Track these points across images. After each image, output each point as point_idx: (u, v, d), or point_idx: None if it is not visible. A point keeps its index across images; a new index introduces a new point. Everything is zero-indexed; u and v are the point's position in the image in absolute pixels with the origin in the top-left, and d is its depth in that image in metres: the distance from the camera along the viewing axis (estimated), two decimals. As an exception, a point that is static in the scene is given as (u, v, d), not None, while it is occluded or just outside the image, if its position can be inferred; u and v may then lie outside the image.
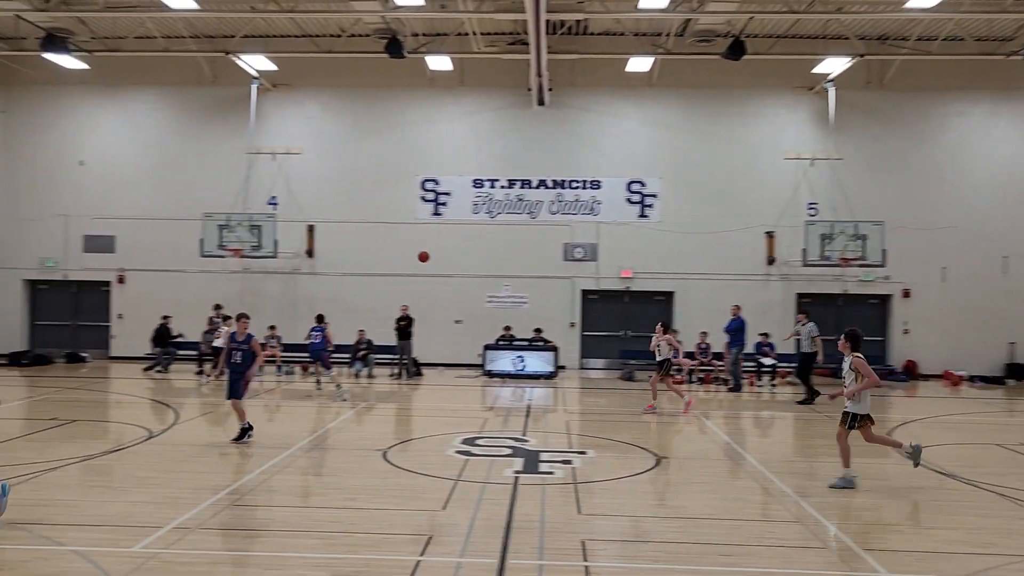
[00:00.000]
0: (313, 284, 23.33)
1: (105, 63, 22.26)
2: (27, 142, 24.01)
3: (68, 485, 9.44)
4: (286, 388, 18.69)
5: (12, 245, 23.94)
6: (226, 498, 8.80)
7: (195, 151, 23.64)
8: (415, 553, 7.06)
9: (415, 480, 9.81)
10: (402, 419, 15.44)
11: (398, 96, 23.39)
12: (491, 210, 23.16)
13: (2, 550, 6.94)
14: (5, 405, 15.76)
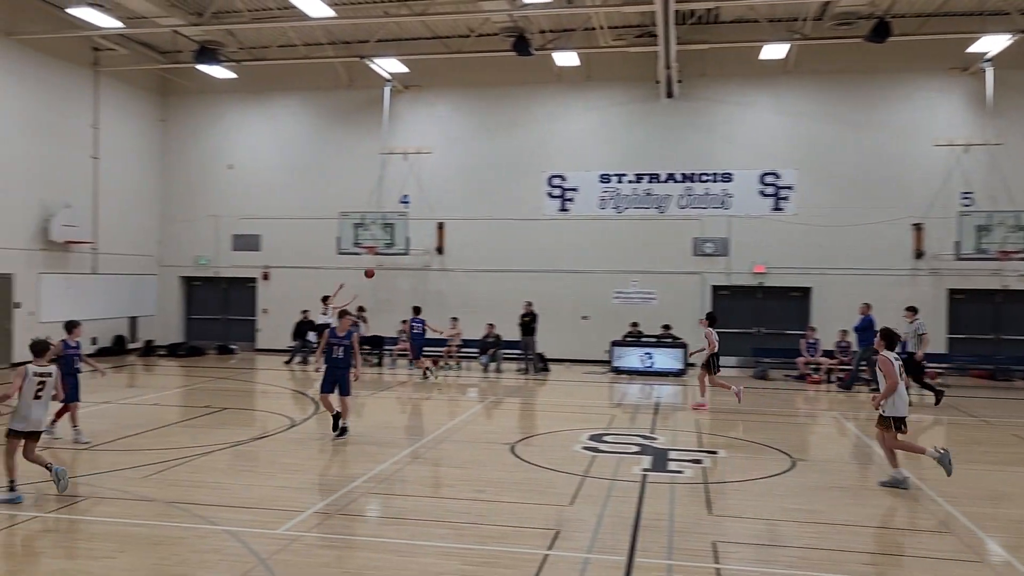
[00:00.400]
0: (443, 280, 23.87)
1: (251, 72, 23.57)
2: (182, 148, 25.77)
3: (219, 469, 10.06)
4: (417, 382, 19.20)
5: (171, 245, 25.78)
6: (362, 486, 9.14)
7: (332, 152, 24.66)
8: (543, 547, 7.09)
9: (542, 475, 9.85)
10: (529, 414, 15.56)
11: (525, 93, 23.55)
12: (618, 205, 22.95)
13: (163, 527, 7.49)
14: (164, 393, 17.00)
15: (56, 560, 6.60)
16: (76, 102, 22.20)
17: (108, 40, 21.59)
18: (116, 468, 9.76)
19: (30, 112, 20.52)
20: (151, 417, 13.92)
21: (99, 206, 22.89)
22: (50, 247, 21.06)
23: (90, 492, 8.66)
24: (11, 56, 19.79)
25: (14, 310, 19.93)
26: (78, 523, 7.64)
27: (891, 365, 9.23)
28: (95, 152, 22.83)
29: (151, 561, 6.61)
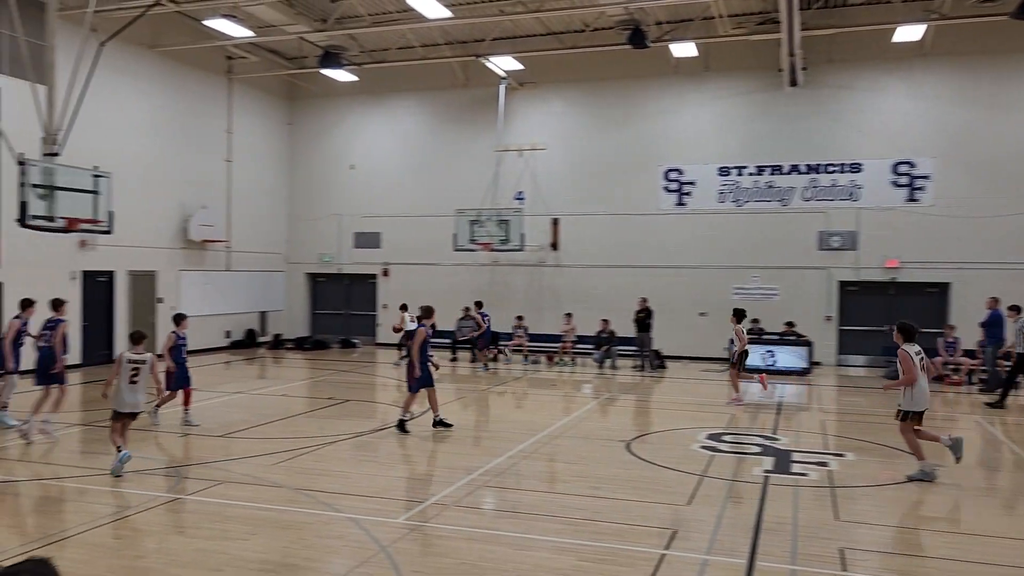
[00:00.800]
0: (557, 276, 23.88)
1: (371, 74, 24.30)
2: (308, 150, 26.86)
3: (343, 458, 10.42)
4: (532, 377, 19.30)
5: (297, 243, 26.93)
6: (478, 479, 9.26)
7: (449, 151, 25.11)
8: (659, 546, 6.97)
9: (659, 473, 9.70)
10: (644, 411, 15.35)
11: (640, 86, 23.23)
12: (738, 198, 22.29)
13: (292, 512, 7.82)
14: (291, 384, 17.77)
15: (195, 540, 7.01)
16: (212, 108, 23.50)
17: (240, 49, 22.75)
18: (248, 455, 10.27)
19: (171, 119, 21.87)
20: (279, 407, 14.58)
21: (232, 207, 24.16)
22: (189, 246, 22.40)
23: (225, 477, 9.14)
24: (154, 67, 21.16)
25: (157, 305, 21.30)
26: (214, 506, 8.08)
27: (910, 360, 9.20)
28: (228, 155, 24.11)
29: (281, 544, 6.92)
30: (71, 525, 7.41)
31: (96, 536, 7.12)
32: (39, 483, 9.10)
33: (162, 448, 10.80)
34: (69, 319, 12.56)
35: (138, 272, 20.75)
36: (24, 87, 14.94)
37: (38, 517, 7.90)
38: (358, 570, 6.38)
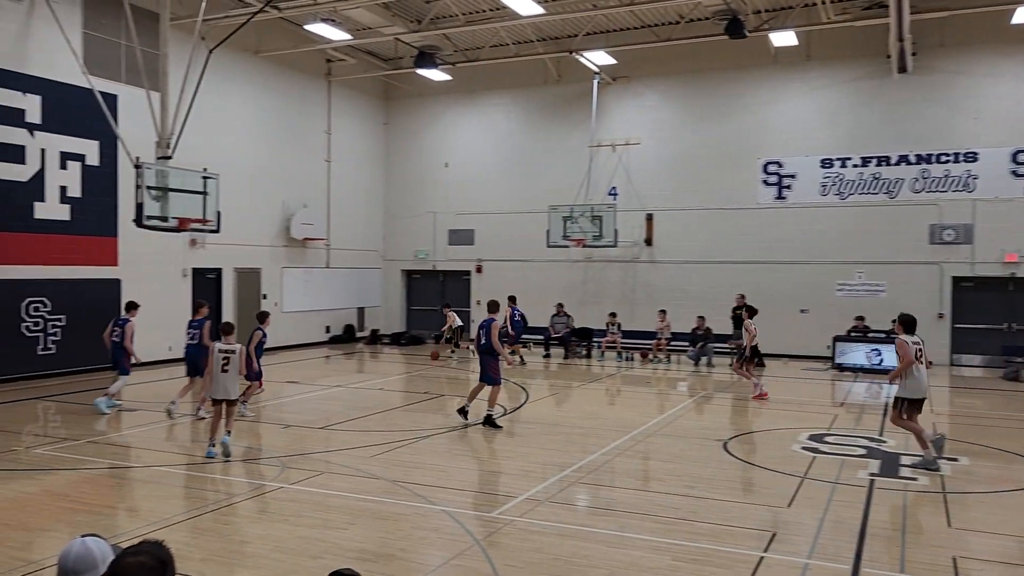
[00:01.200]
0: (652, 272, 23.57)
1: (465, 73, 24.55)
2: (403, 149, 27.37)
3: (438, 452, 10.57)
4: (626, 374, 19.12)
5: (393, 240, 27.50)
6: (572, 475, 9.23)
7: (542, 147, 25.12)
8: (758, 548, 6.79)
9: (757, 473, 9.45)
10: (742, 410, 14.97)
11: (738, 77, 22.65)
12: (841, 191, 21.46)
13: (389, 504, 7.98)
14: (388, 378, 18.15)
15: (298, 528, 7.24)
16: (312, 110, 24.24)
17: (339, 51, 23.38)
18: (347, 447, 10.55)
19: (274, 121, 22.68)
20: (377, 401, 14.93)
21: (331, 205, 24.86)
22: (291, 243, 23.18)
23: (325, 468, 9.41)
24: (258, 72, 21.98)
25: (262, 300, 22.12)
26: (316, 495, 8.33)
27: (907, 348, 9.62)
28: (328, 156, 24.81)
29: (378, 534, 7.07)
30: (182, 510, 7.77)
31: (205, 521, 7.45)
32: (153, 469, 9.59)
33: (266, 438, 11.21)
34: (211, 319, 13.59)
35: (244, 269, 21.62)
36: (140, 94, 15.78)
37: (152, 502, 8.32)
38: (453, 562, 6.45)
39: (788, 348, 21.37)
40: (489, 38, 22.53)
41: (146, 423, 12.37)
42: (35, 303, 16.25)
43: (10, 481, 8.80)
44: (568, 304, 23.09)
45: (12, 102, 15.82)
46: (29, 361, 16.16)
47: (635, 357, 21.46)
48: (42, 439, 11.18)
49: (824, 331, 20.61)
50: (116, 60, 17.72)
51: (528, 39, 22.66)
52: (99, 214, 17.49)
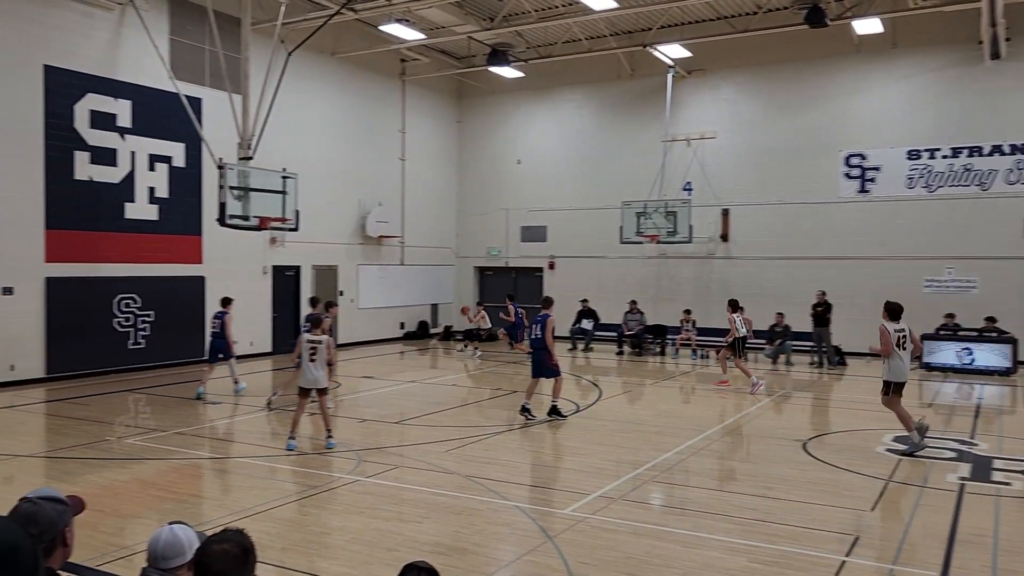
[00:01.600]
0: (728, 268, 23.13)
1: (537, 69, 24.53)
2: (476, 146, 27.53)
3: (510, 448, 10.61)
4: (701, 372, 18.82)
5: (467, 237, 27.70)
6: (645, 473, 9.14)
7: (614, 143, 24.91)
8: (839, 552, 6.59)
9: (838, 475, 9.17)
10: (822, 410, 14.56)
11: (818, 68, 21.99)
12: (929, 183, 20.63)
13: (462, 498, 8.05)
14: (461, 374, 18.30)
15: (373, 520, 7.36)
16: (387, 109, 24.61)
17: (413, 51, 23.66)
18: (421, 442, 10.68)
19: (350, 121, 23.11)
20: (450, 396, 15.07)
21: (405, 203, 25.20)
22: (366, 241, 23.59)
23: (400, 462, 9.55)
24: (335, 73, 22.43)
25: (339, 297, 22.59)
26: (391, 488, 8.46)
27: (887, 335, 10.34)
28: (402, 154, 25.15)
29: (451, 528, 7.13)
30: (263, 500, 8.00)
31: (284, 511, 7.65)
32: (236, 460, 9.90)
33: (343, 432, 11.44)
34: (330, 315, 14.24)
35: (321, 267, 22.11)
36: (222, 97, 16.29)
37: (235, 492, 8.59)
38: (526, 558, 6.46)
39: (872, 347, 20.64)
40: (561, 34, 22.46)
41: (229, 416, 12.78)
42: (126, 299, 16.96)
43: (103, 469, 9.22)
44: (641, 301, 22.87)
45: (105, 107, 16.54)
46: (121, 355, 16.89)
47: (710, 355, 21.07)
48: (133, 430, 11.68)
49: (913, 328, 19.84)
50: (200, 65, 18.34)
51: (601, 34, 22.50)
52: (185, 214, 18.15)
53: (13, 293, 15.06)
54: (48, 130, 15.54)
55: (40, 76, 15.41)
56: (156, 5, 17.41)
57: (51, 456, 9.98)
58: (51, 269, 15.65)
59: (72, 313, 15.91)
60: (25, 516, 2.44)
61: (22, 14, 15.15)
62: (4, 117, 14.87)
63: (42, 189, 15.47)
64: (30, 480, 8.80)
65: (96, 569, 6.00)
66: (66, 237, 15.87)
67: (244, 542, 2.67)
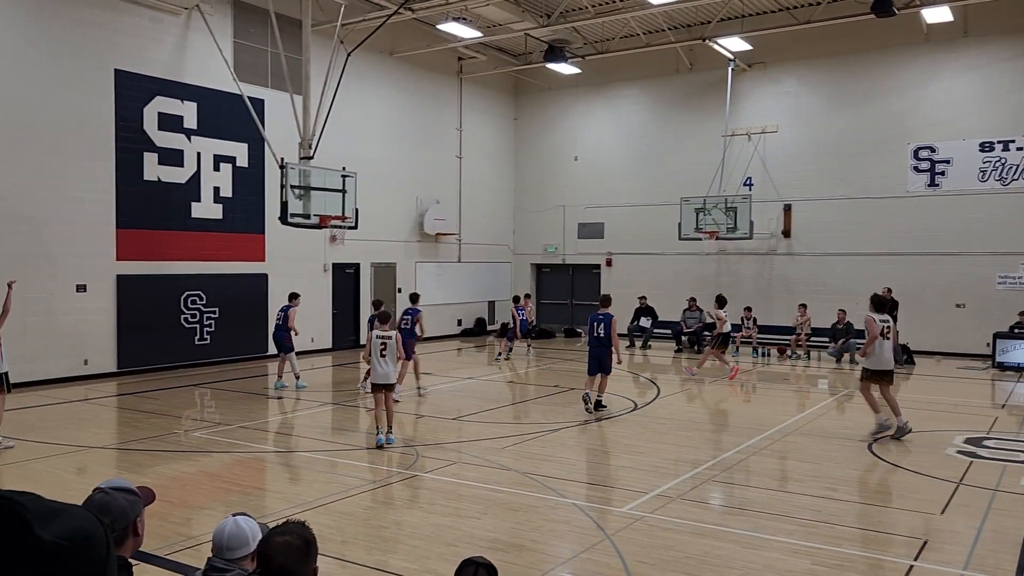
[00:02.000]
0: (790, 265, 22.66)
1: (594, 65, 24.39)
2: (533, 143, 27.52)
3: (567, 445, 10.58)
4: (763, 370, 18.49)
5: (523, 234, 27.73)
6: (705, 472, 9.01)
7: (672, 138, 24.62)
8: (907, 556, 6.40)
9: (906, 478, 8.91)
10: (888, 410, 14.14)
11: (885, 59, 21.37)
12: (1003, 176, 19.87)
13: (519, 495, 8.06)
14: (518, 372, 18.32)
15: (432, 515, 7.43)
16: (444, 108, 24.78)
17: (470, 49, 23.77)
18: (479, 438, 10.73)
19: (408, 119, 23.33)
20: (507, 393, 15.10)
21: (462, 200, 25.34)
22: (424, 239, 23.80)
23: (458, 458, 9.61)
24: (393, 72, 22.67)
25: (397, 294, 22.84)
26: (448, 484, 8.52)
27: (874, 324, 10.81)
28: (459, 152, 25.30)
29: (509, 525, 7.15)
30: (323, 494, 8.13)
31: (345, 505, 7.77)
32: (298, 454, 10.09)
33: (401, 428, 11.56)
34: (423, 310, 15.27)
35: (380, 264, 22.39)
36: (284, 98, 16.62)
37: (297, 485, 8.76)
38: (583, 556, 6.44)
39: (942, 345, 20.04)
40: (619, 29, 22.29)
41: (291, 410, 13.04)
42: (192, 296, 17.44)
43: (172, 462, 9.49)
44: (701, 298, 22.55)
45: (172, 109, 17.02)
46: (188, 350, 17.37)
47: (771, 353, 20.70)
48: (199, 423, 12.00)
49: (983, 327, 19.18)
50: (263, 66, 18.73)
51: (659, 28, 22.25)
52: (248, 212, 18.56)
53: (86, 291, 15.62)
54: (119, 132, 16.06)
55: (111, 81, 15.93)
56: (220, 9, 17.83)
57: (122, 448, 10.33)
58: (122, 267, 16.18)
59: (141, 310, 16.43)
60: (98, 506, 2.52)
61: (94, 21, 15.68)
62: (78, 121, 15.42)
63: (113, 190, 16.00)
64: (102, 471, 9.11)
65: (165, 558, 6.19)
66: (135, 236, 16.39)
67: (306, 534, 2.72)
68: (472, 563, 2.79)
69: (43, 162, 14.89)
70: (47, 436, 10.64)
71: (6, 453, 9.78)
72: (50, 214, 15.02)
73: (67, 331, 15.27)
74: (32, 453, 9.80)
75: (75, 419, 12.01)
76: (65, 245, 15.24)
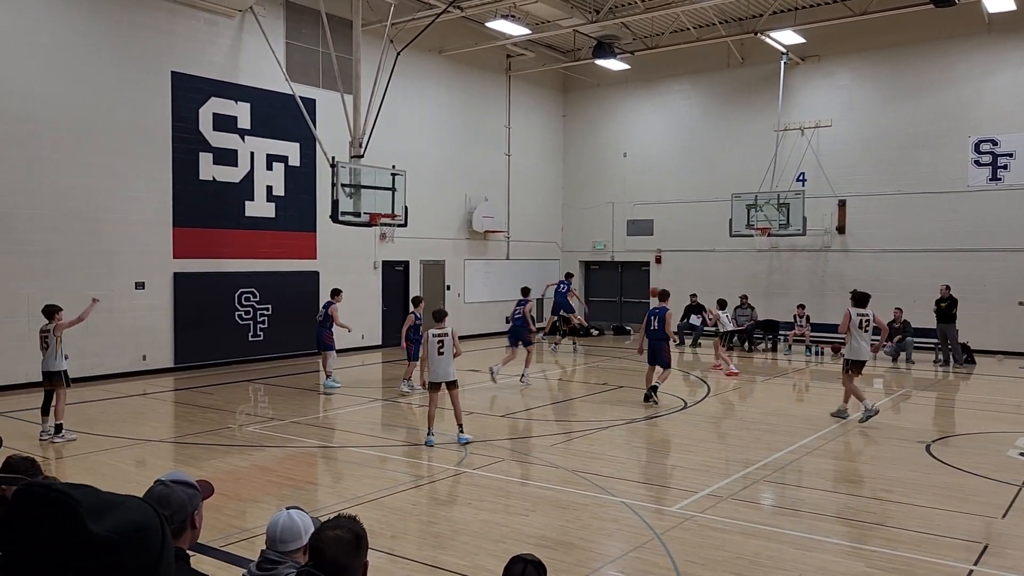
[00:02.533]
0: (843, 262, 22.19)
1: (643, 61, 24.17)
2: (581, 140, 27.42)
3: (616, 443, 10.53)
4: (816, 369, 18.16)
5: (571, 231, 27.65)
6: (756, 472, 8.89)
7: (723, 133, 24.29)
8: (967, 561, 6.23)
9: (965, 480, 8.66)
10: (947, 410, 13.78)
11: (944, 50, 20.77)
12: (1068, 170, 19.17)
13: (568, 493, 8.05)
14: (567, 369, 18.29)
15: (480, 512, 7.46)
16: (492, 105, 24.82)
17: (518, 47, 23.77)
18: (528, 435, 10.74)
19: (456, 118, 23.44)
20: (555, 391, 15.08)
21: (511, 198, 25.37)
22: (472, 236, 23.90)
23: (506, 455, 9.64)
24: (442, 70, 22.79)
25: (445, 291, 22.99)
26: (497, 481, 8.55)
27: (848, 318, 11.90)
28: (507, 149, 25.33)
29: (557, 522, 7.15)
30: (373, 489, 8.23)
31: (394, 500, 7.85)
32: (349, 450, 10.23)
33: (450, 424, 11.63)
34: (532, 301, 16.38)
35: (429, 262, 22.54)
36: (335, 98, 16.84)
37: (348, 480, 8.88)
38: (632, 554, 6.41)
39: (1003, 344, 19.42)
40: (668, 24, 22.07)
41: (342, 406, 13.22)
42: (246, 293, 17.79)
43: (227, 456, 9.71)
44: (753, 295, 22.23)
45: (227, 110, 17.37)
46: (241, 346, 17.73)
47: (824, 351, 20.30)
48: (253, 418, 12.25)
49: (1047, 326, 18.53)
50: (314, 67, 18.99)
51: (709, 22, 21.97)
52: (300, 211, 18.86)
53: (145, 288, 16.05)
54: (175, 133, 16.45)
55: (168, 83, 16.32)
56: (273, 10, 18.14)
57: (179, 441, 10.59)
58: (178, 265, 16.58)
59: (197, 307, 16.82)
60: (158, 497, 2.59)
61: (152, 24, 16.08)
62: (137, 123, 15.84)
63: (170, 189, 16.40)
64: (160, 463, 9.36)
65: (220, 550, 6.33)
66: (191, 235, 16.78)
67: (357, 529, 2.76)
68: (521, 560, 2.80)
69: (104, 163, 15.34)
70: (108, 429, 10.97)
71: (69, 445, 10.11)
72: (111, 213, 15.46)
73: (126, 327, 15.71)
74: (94, 446, 10.11)
75: (134, 413, 12.36)
76: (124, 244, 15.67)
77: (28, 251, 14.26)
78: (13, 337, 13.80)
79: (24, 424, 11.19)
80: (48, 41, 14.57)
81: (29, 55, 14.31)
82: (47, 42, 14.55)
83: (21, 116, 14.18)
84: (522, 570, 3.06)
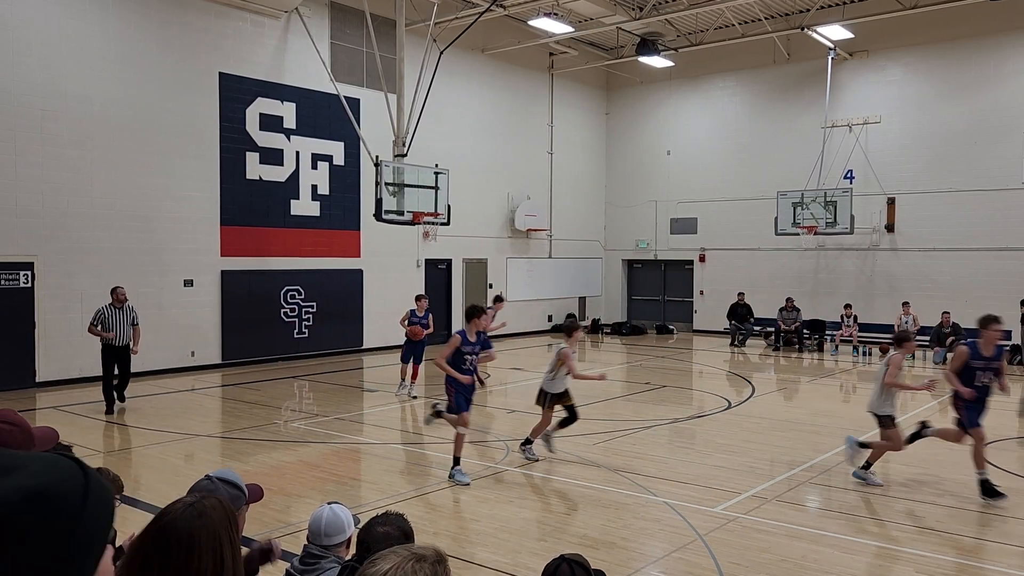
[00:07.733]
0: (893, 261, 21.73)
1: (687, 57, 23.95)
2: (624, 138, 27.25)
3: (659, 443, 10.46)
4: (863, 370, 17.81)
5: (614, 229, 27.51)
6: (801, 474, 8.76)
7: (769, 131, 23.95)
8: (1020, 568, 6.05)
9: (1022, 484, 8.41)
10: (1003, 416, 13.38)
11: (999, 43, 20.19)
12: None
13: (610, 492, 8.02)
14: (609, 368, 18.20)
15: (521, 510, 7.46)
16: (535, 103, 24.80)
17: (561, 45, 23.71)
18: (569, 434, 10.70)
19: (499, 116, 23.47)
20: (598, 390, 15.00)
21: (553, 196, 25.33)
22: (515, 235, 23.91)
23: (548, 454, 9.62)
24: (485, 69, 22.84)
25: (488, 290, 23.02)
26: (539, 479, 8.54)
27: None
28: (550, 147, 25.29)
29: (599, 522, 7.12)
30: (416, 485, 8.28)
31: (438, 498, 7.89)
32: (392, 446, 10.31)
33: (492, 422, 11.66)
34: None
35: (471, 260, 22.61)
36: (379, 97, 16.96)
37: (390, 476, 8.94)
38: (675, 555, 6.35)
39: (1060, 346, 18.82)
40: (713, 20, 21.82)
41: (385, 403, 13.33)
42: (291, 291, 18.03)
43: (272, 451, 9.85)
44: (799, 295, 21.90)
45: (273, 110, 17.63)
46: (287, 343, 17.98)
47: (872, 352, 19.90)
48: (298, 414, 12.41)
49: (1107, 327, 17.93)
50: (358, 66, 19.17)
51: (755, 17, 21.66)
52: (344, 210, 19.06)
53: (193, 285, 16.37)
54: (223, 133, 16.74)
55: (216, 83, 16.61)
56: (318, 11, 18.35)
57: (226, 436, 10.78)
58: (226, 263, 16.87)
59: (244, 304, 17.10)
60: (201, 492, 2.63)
61: (201, 26, 16.39)
62: (186, 123, 16.15)
63: (218, 188, 16.70)
64: (208, 458, 9.54)
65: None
66: (238, 233, 17.06)
67: (404, 526, 2.78)
68: (565, 560, 2.79)
69: (154, 163, 15.68)
70: (158, 424, 11.21)
71: (121, 438, 10.34)
72: (160, 212, 15.80)
73: (175, 324, 16.03)
74: (144, 440, 10.34)
75: (183, 408, 12.61)
76: (173, 242, 16.00)
77: (81, 249, 14.63)
78: (67, 332, 14.18)
79: (80, 418, 11.49)
80: (102, 45, 14.93)
81: (84, 58, 14.69)
82: (101, 46, 14.92)
83: (76, 117, 14.56)
84: (569, 571, 3.04)
